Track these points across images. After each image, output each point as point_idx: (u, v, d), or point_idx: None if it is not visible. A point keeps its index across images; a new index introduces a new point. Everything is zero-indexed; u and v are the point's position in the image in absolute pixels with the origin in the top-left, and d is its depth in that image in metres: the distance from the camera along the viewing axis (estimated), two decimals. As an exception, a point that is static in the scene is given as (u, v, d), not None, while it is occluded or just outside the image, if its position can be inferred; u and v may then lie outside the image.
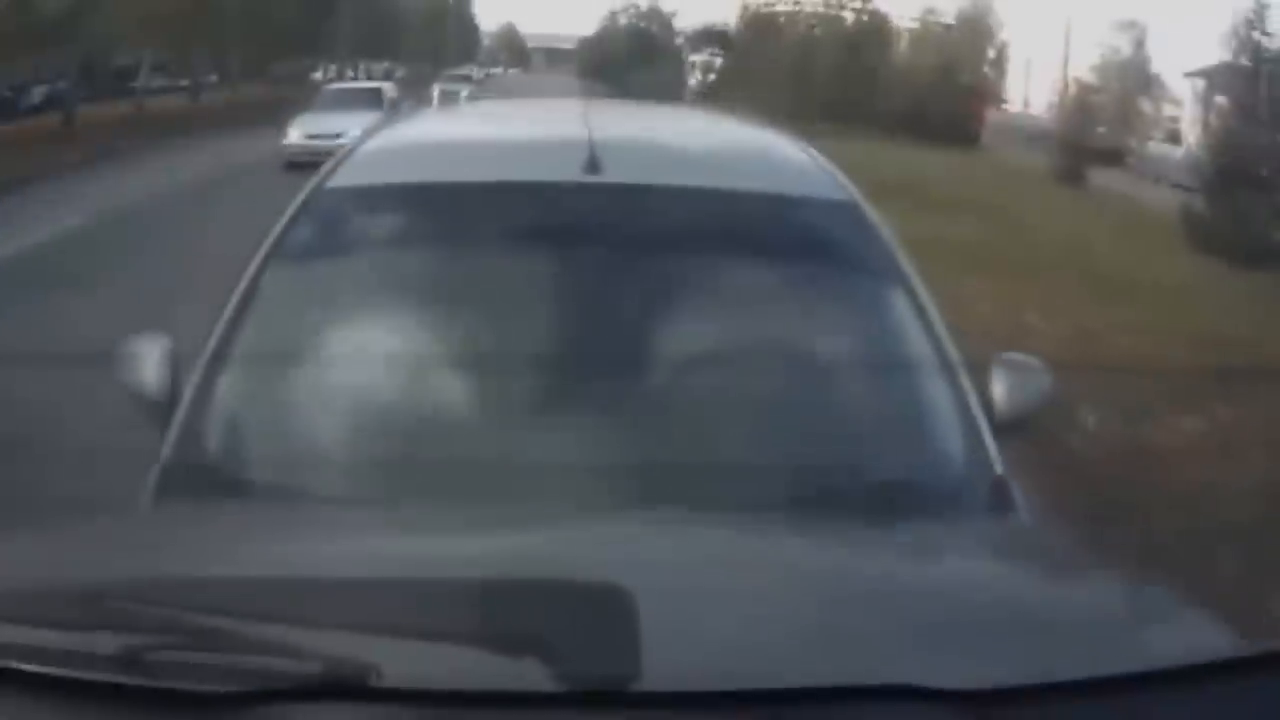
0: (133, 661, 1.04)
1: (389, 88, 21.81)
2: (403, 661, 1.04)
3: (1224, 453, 5.30)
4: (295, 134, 18.00)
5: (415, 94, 28.19)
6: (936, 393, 1.86)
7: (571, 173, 2.01)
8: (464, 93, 29.19)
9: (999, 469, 1.79)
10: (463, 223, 2.03)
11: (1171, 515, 4.36)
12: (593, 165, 2.01)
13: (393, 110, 17.78)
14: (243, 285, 1.96)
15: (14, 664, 1.06)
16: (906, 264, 2.03)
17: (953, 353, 1.90)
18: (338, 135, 15.67)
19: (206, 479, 1.76)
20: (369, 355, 1.86)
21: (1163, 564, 1.55)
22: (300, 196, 2.11)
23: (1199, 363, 7.44)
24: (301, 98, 22.80)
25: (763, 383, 1.84)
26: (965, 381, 1.88)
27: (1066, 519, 4.09)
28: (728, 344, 1.88)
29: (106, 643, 1.05)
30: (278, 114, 20.24)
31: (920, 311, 1.95)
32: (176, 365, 1.96)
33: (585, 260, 1.96)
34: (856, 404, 1.90)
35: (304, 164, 15.13)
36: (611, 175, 2.02)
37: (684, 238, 2.00)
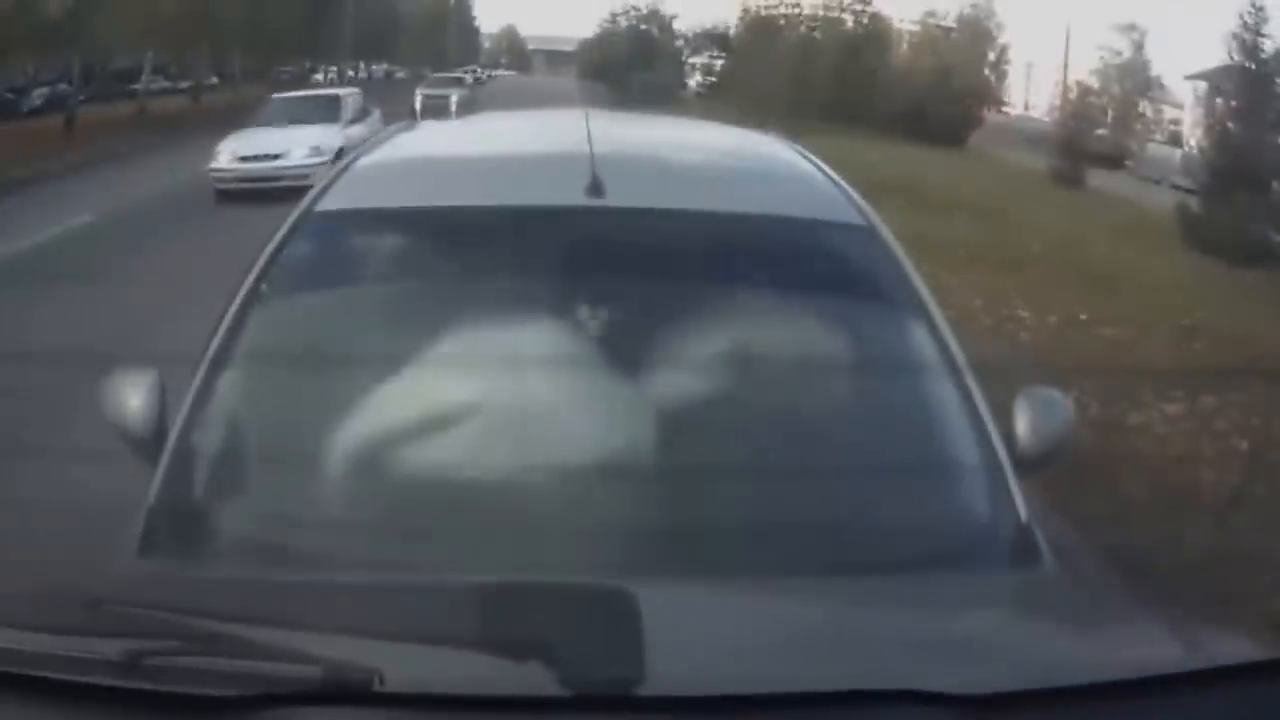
0: (135, 666, 1.05)
1: (350, 96, 16.56)
2: (405, 666, 1.05)
3: (1222, 455, 5.30)
4: (225, 155, 13.78)
5: (405, 99, 25.64)
6: (959, 434, 1.75)
7: (574, 196, 1.90)
8: (454, 98, 24.90)
9: (1024, 514, 1.66)
10: (460, 250, 1.91)
11: (1169, 519, 4.35)
12: (596, 187, 1.90)
13: (356, 123, 14.67)
14: (228, 319, 1.84)
15: (15, 669, 1.07)
16: (925, 292, 1.92)
17: (975, 389, 1.79)
18: (277, 157, 13.30)
19: (192, 528, 1.65)
20: (363, 392, 1.73)
21: (1163, 569, 1.51)
22: (288, 221, 1.98)
23: (1191, 355, 7.47)
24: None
25: (778, 421, 1.74)
26: (989, 420, 1.76)
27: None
28: (740, 380, 1.75)
29: (108, 647, 1.06)
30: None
31: (941, 344, 1.84)
32: (163, 399, 1.85)
33: (590, 290, 1.82)
34: (875, 445, 1.78)
35: (236, 194, 12.56)
36: (616, 198, 1.90)
37: (692, 265, 1.90)
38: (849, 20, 38.08)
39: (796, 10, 39.73)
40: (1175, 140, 29.54)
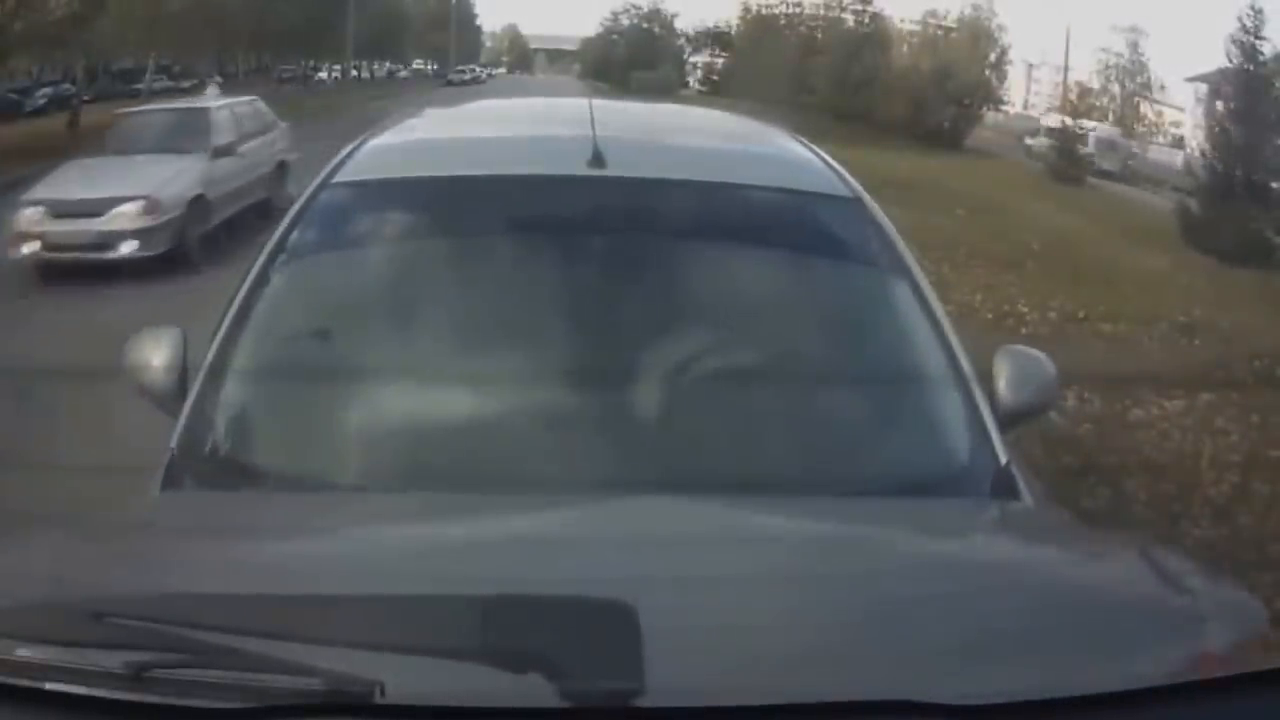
0: (137, 678, 1.06)
1: None
2: (406, 678, 1.05)
3: (1220, 452, 5.32)
4: None
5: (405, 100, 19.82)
6: (941, 383, 1.84)
7: (577, 167, 2.01)
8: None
9: (1003, 458, 1.76)
10: (468, 214, 2.01)
11: (1168, 520, 4.37)
12: (598, 160, 2.01)
13: None
14: (250, 278, 1.94)
15: (18, 680, 1.08)
16: (910, 258, 2.02)
17: (956, 343, 1.89)
18: None
19: (212, 470, 1.73)
20: (377, 345, 1.87)
21: (1162, 573, 1.47)
22: (307, 191, 2.09)
23: (1188, 351, 7.52)
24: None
25: (769, 372, 1.83)
26: (969, 371, 1.85)
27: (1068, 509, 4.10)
28: (734, 335, 1.87)
29: (112, 659, 1.07)
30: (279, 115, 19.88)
31: (924, 303, 1.94)
32: (186, 356, 1.94)
33: (591, 252, 1.96)
34: (863, 394, 1.87)
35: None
36: (616, 170, 2.01)
37: (689, 230, 2.00)
38: (850, 20, 38.12)
39: (798, 10, 39.79)
40: (1177, 142, 29.59)
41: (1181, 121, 30.93)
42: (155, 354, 1.96)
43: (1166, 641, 1.25)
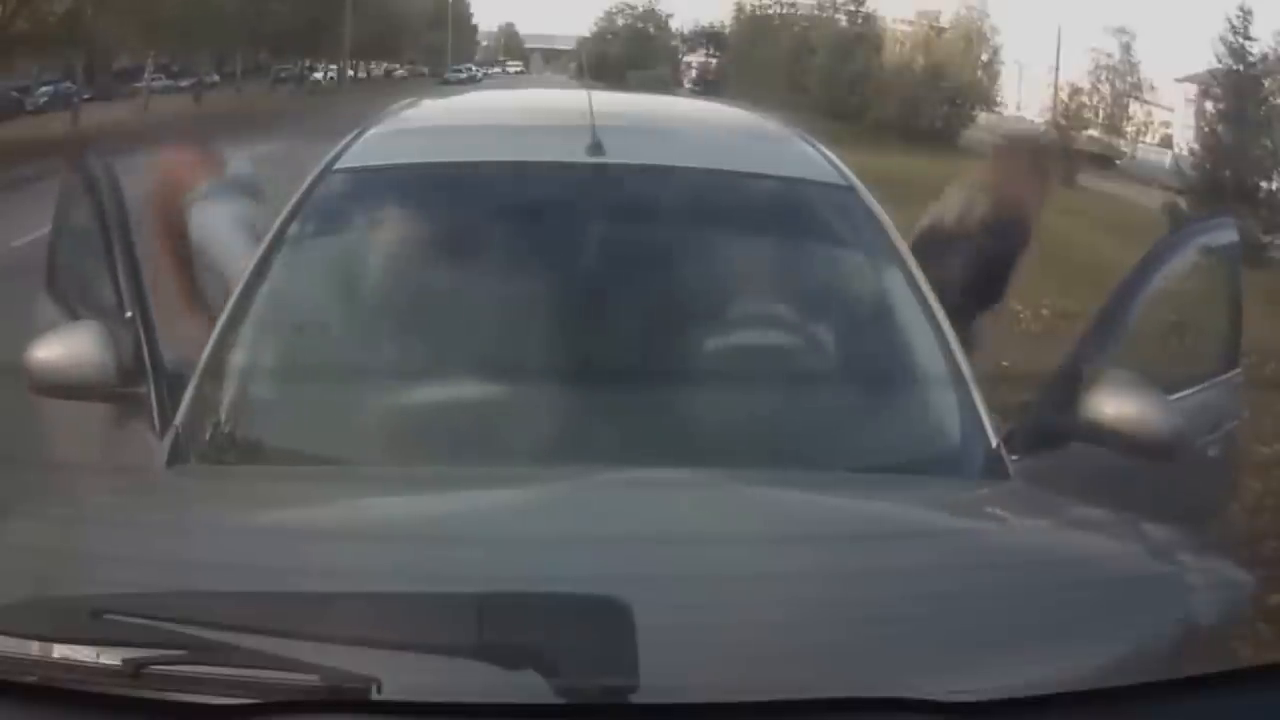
0: (136, 674, 1.07)
1: None
2: (403, 674, 1.06)
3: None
4: None
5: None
6: (934, 366, 1.88)
7: (576, 153, 2.03)
8: None
9: (994, 440, 1.80)
10: (470, 200, 2.04)
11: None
12: (597, 147, 2.03)
13: None
14: (254, 261, 1.98)
15: (16, 676, 1.09)
16: (903, 245, 2.08)
17: (948, 328, 1.93)
18: None
19: (216, 446, 1.77)
20: (380, 328, 1.93)
21: (1154, 548, 1.52)
22: (310, 177, 2.12)
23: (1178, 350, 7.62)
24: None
25: (765, 354, 1.89)
26: (961, 355, 1.89)
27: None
28: (731, 318, 1.94)
29: (109, 655, 1.08)
30: (277, 114, 19.86)
31: (917, 290, 1.98)
32: (113, 342, 1.92)
33: (588, 236, 1.99)
34: (857, 377, 1.93)
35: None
36: (615, 156, 2.04)
37: (687, 215, 2.05)
38: (843, 19, 38.18)
39: (792, 9, 39.85)
40: (1166, 142, 29.72)
41: (1171, 121, 31.05)
42: (86, 348, 1.93)
43: (1160, 621, 1.26)
